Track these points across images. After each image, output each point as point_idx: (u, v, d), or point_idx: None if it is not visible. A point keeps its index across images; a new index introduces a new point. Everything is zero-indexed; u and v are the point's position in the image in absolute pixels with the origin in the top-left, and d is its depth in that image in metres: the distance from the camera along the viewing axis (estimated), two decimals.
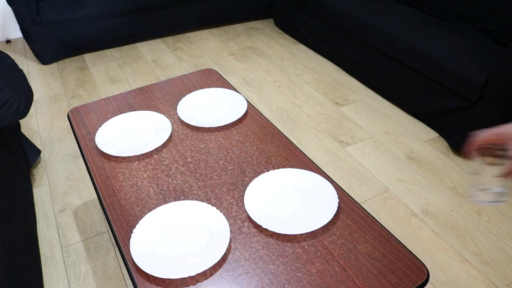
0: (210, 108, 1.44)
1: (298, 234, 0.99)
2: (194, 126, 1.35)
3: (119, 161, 1.23)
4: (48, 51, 2.90)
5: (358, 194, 1.83)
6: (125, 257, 0.96)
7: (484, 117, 1.85)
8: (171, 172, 1.18)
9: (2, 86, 1.54)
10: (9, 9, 3.15)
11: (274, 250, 0.96)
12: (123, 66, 2.89)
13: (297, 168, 1.17)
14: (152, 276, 0.91)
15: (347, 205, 1.06)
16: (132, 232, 1.00)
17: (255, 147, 1.25)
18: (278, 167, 1.18)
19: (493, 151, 0.78)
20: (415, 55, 2.14)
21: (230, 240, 0.98)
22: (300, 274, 0.90)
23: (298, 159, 1.20)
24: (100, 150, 1.27)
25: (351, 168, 1.97)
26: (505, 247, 1.59)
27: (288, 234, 0.99)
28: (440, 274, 1.50)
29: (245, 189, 1.11)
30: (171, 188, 1.13)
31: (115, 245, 1.64)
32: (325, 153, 2.07)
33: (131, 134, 1.33)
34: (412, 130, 2.20)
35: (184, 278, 0.91)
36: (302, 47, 3.04)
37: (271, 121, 1.38)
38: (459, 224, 1.68)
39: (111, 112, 1.44)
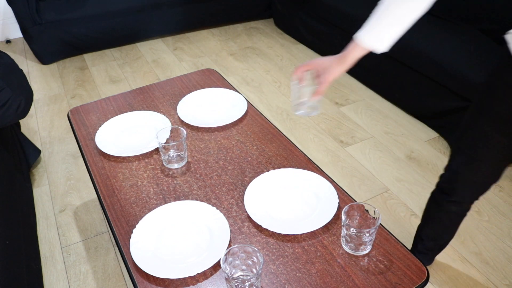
0: (210, 108, 1.44)
1: (298, 234, 0.99)
2: (194, 126, 1.35)
3: (119, 161, 1.23)
4: (48, 51, 2.90)
5: (358, 194, 1.83)
6: (125, 257, 0.96)
7: None
8: (171, 172, 1.18)
9: (2, 86, 1.54)
10: (9, 9, 3.15)
11: (274, 250, 0.96)
12: (123, 66, 2.89)
13: (297, 168, 1.17)
14: (152, 276, 0.91)
15: (347, 205, 1.06)
16: (132, 232, 1.00)
17: (255, 147, 1.25)
18: (278, 167, 1.18)
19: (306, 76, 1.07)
20: (415, 55, 2.14)
21: (230, 240, 0.98)
22: (300, 274, 0.90)
23: (298, 159, 1.20)
24: (100, 150, 1.27)
25: (351, 168, 1.97)
26: (505, 247, 1.59)
27: (288, 234, 0.99)
28: (440, 274, 1.50)
29: (245, 189, 1.10)
30: (171, 188, 1.13)
31: (115, 245, 1.64)
32: (325, 153, 2.07)
33: (131, 134, 1.33)
34: (412, 130, 2.20)
35: (184, 278, 0.91)
36: (302, 47, 3.04)
37: (271, 121, 1.38)
38: None
39: (111, 112, 1.44)
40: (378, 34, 0.96)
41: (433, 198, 1.31)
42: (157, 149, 1.26)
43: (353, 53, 1.01)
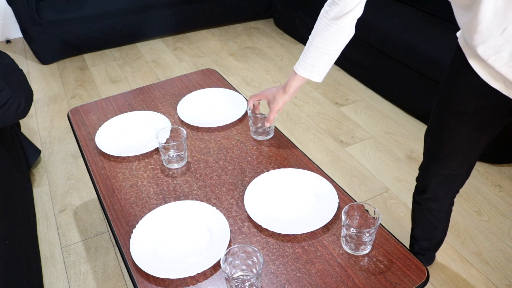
0: (210, 108, 1.44)
1: (298, 234, 0.99)
2: (194, 126, 1.35)
3: (119, 161, 1.23)
4: (48, 51, 2.90)
5: (358, 194, 1.83)
6: (125, 257, 0.96)
7: None
8: (171, 172, 1.18)
9: (2, 86, 1.54)
10: (9, 9, 3.15)
11: (274, 250, 0.96)
12: (123, 66, 2.89)
13: (297, 168, 1.17)
14: (152, 276, 0.91)
15: (347, 205, 1.06)
16: (132, 232, 1.00)
17: (255, 147, 1.25)
18: (278, 167, 1.18)
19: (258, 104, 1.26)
20: (415, 55, 2.14)
21: (230, 240, 0.98)
22: (300, 274, 0.90)
23: (298, 159, 1.20)
24: (100, 150, 1.27)
25: (351, 168, 1.97)
26: (505, 247, 1.59)
27: (288, 234, 0.99)
28: (440, 274, 1.50)
29: (245, 189, 1.10)
30: (171, 188, 1.13)
31: (115, 245, 1.64)
32: (325, 153, 2.07)
33: (131, 134, 1.33)
34: (412, 130, 2.20)
35: (184, 278, 0.91)
36: (302, 47, 3.04)
37: None
38: (459, 224, 1.68)
39: (111, 112, 1.44)
40: (309, 65, 1.09)
41: (414, 199, 1.32)
42: (157, 149, 1.26)
43: (292, 83, 1.14)
